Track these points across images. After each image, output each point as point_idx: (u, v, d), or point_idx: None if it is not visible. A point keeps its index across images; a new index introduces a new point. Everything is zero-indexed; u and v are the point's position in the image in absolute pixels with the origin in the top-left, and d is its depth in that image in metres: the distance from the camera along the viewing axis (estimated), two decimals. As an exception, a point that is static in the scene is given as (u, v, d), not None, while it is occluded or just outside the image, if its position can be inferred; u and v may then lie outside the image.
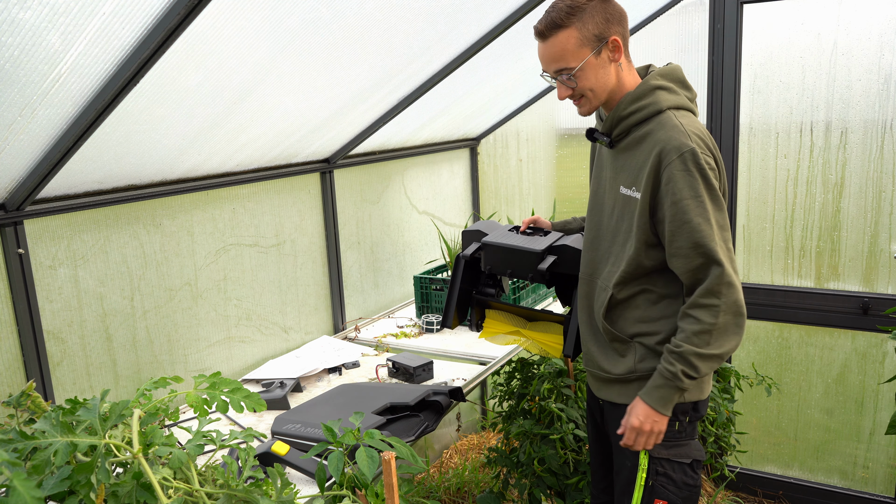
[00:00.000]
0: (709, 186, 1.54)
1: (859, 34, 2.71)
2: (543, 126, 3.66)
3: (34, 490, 0.96)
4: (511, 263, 2.06)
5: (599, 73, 1.63)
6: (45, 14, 1.30)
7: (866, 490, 3.04)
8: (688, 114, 1.64)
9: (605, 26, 1.60)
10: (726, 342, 1.57)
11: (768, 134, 2.96)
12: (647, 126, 1.62)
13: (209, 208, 2.40)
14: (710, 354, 1.56)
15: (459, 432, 3.72)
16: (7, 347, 1.87)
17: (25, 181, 1.78)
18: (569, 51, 1.61)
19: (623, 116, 1.65)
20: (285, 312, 2.75)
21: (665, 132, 1.58)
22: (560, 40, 1.61)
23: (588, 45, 1.60)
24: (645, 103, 1.63)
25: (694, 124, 1.60)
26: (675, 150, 1.54)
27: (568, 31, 1.60)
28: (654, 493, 1.68)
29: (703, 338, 1.55)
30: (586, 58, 1.61)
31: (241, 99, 2.00)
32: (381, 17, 1.99)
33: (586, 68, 1.62)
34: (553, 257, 1.98)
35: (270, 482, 1.35)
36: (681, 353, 1.57)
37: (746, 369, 3.07)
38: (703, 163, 1.54)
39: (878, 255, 2.85)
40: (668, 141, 1.56)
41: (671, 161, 1.55)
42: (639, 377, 1.69)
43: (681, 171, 1.54)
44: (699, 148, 1.55)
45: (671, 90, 1.64)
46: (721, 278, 1.54)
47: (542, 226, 2.15)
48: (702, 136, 1.59)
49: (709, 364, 1.57)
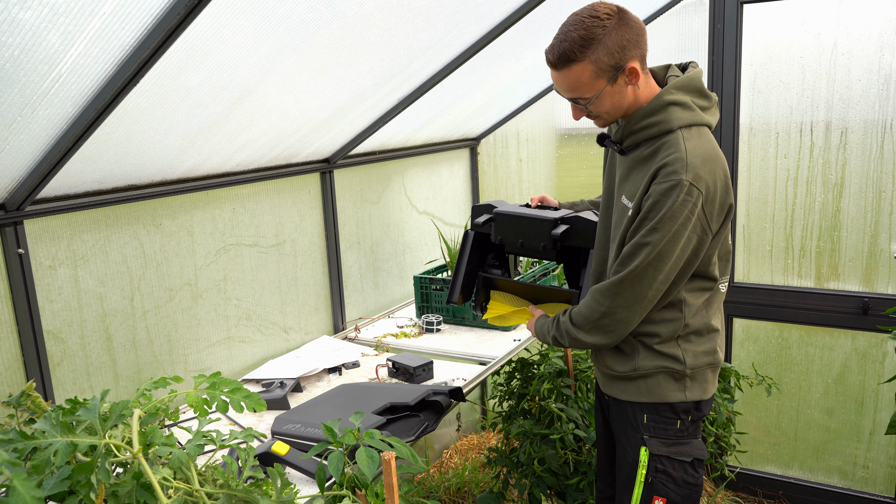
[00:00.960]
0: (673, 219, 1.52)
1: (859, 34, 2.71)
2: (543, 126, 3.66)
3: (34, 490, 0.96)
4: (522, 233, 2.03)
5: (616, 98, 1.60)
6: (45, 14, 1.30)
7: (866, 490, 3.04)
8: (700, 132, 1.59)
9: (620, 55, 1.54)
10: (596, 336, 1.69)
11: (768, 134, 2.96)
12: (655, 143, 1.59)
13: (209, 208, 2.40)
14: (577, 338, 1.73)
15: (459, 432, 3.72)
16: (7, 347, 1.87)
17: (25, 181, 1.78)
18: (583, 83, 1.57)
19: (634, 131, 1.63)
20: (285, 312, 2.75)
21: (668, 153, 1.55)
22: (574, 73, 1.56)
23: (604, 76, 1.55)
24: (656, 120, 1.58)
25: (701, 148, 1.56)
26: (668, 176, 1.52)
27: (582, 64, 1.54)
28: (653, 489, 1.69)
29: (582, 320, 1.70)
30: (602, 88, 1.57)
31: (241, 99, 2.00)
32: (381, 17, 1.99)
33: (603, 97, 1.59)
34: (566, 226, 1.98)
35: (270, 482, 1.35)
36: (561, 323, 1.77)
37: (746, 369, 3.08)
38: (685, 198, 1.51)
39: (878, 255, 2.85)
40: (666, 164, 1.54)
41: (660, 183, 1.54)
42: (640, 375, 1.70)
43: (660, 195, 1.53)
44: (693, 183, 1.52)
45: (685, 105, 1.59)
46: (616, 286, 1.61)
47: (549, 203, 2.16)
48: (706, 160, 1.55)
49: (574, 343, 1.74)
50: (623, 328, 1.65)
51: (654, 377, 1.69)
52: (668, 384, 1.68)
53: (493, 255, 2.23)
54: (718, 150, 1.61)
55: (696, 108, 1.60)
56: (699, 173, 1.52)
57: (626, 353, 1.73)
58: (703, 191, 1.53)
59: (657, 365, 1.68)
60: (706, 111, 1.63)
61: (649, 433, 1.70)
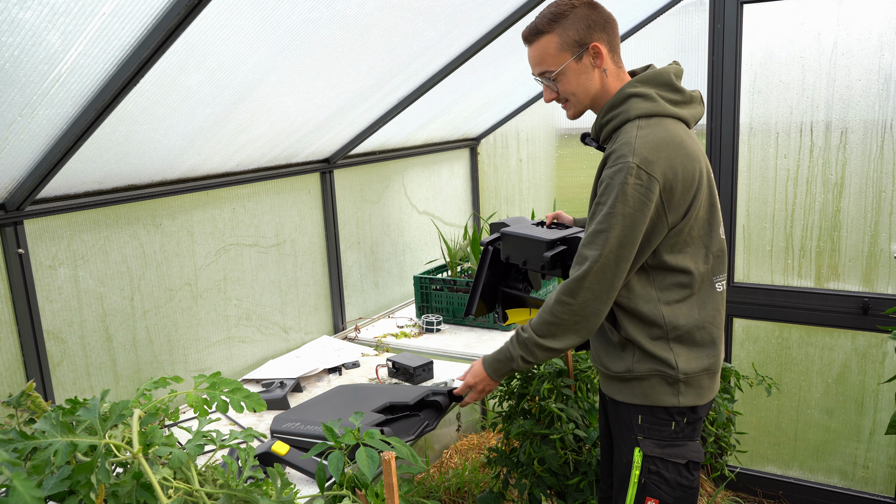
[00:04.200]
0: (624, 203, 1.54)
1: (859, 34, 2.71)
2: (543, 126, 3.66)
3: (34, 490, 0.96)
4: (525, 253, 2.10)
5: (581, 79, 1.67)
6: (45, 14, 1.30)
7: (866, 490, 3.04)
8: (658, 122, 1.60)
9: (585, 33, 1.64)
10: (568, 339, 1.68)
11: (768, 134, 2.96)
12: (617, 134, 1.65)
13: (209, 208, 2.40)
14: (549, 347, 1.69)
15: (459, 432, 3.72)
16: (7, 347, 1.87)
17: (25, 181, 1.78)
18: (549, 55, 1.67)
19: (602, 124, 1.70)
20: (285, 312, 2.75)
21: (618, 144, 1.60)
22: (542, 45, 1.68)
23: (568, 49, 1.65)
24: (616, 112, 1.65)
25: (655, 135, 1.57)
26: (616, 161, 1.57)
27: (549, 36, 1.66)
28: (645, 490, 1.68)
29: (549, 329, 1.68)
30: (566, 62, 1.66)
31: (241, 99, 2.00)
32: (381, 17, 1.99)
33: (567, 72, 1.67)
34: (563, 247, 2.00)
35: (270, 482, 1.35)
36: (524, 341, 1.73)
37: (746, 369, 3.07)
38: (632, 181, 1.53)
39: (878, 255, 2.85)
40: (614, 150, 1.59)
41: (610, 167, 1.59)
42: (635, 377, 1.70)
43: (608, 178, 1.58)
44: (641, 166, 1.53)
45: (647, 97, 1.62)
46: (581, 281, 1.61)
47: (563, 220, 2.19)
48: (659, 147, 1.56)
49: (546, 354, 1.71)
50: (595, 321, 1.65)
51: (647, 380, 1.68)
52: (662, 388, 1.67)
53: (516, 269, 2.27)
54: (683, 139, 1.60)
55: (661, 100, 1.63)
56: (649, 158, 1.54)
57: (621, 351, 1.73)
58: (660, 178, 1.55)
59: (650, 368, 1.67)
60: (677, 105, 1.65)
61: (643, 434, 1.70)
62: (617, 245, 1.57)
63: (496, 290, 2.27)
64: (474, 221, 3.90)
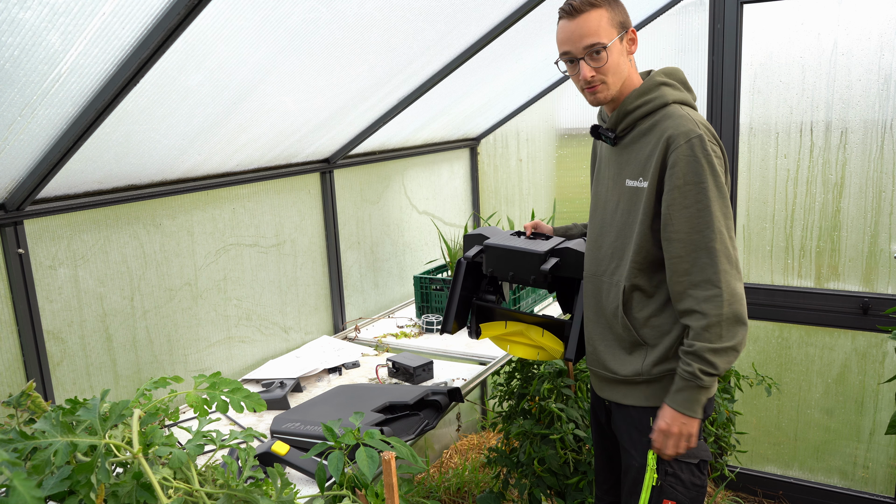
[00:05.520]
0: (713, 173, 1.56)
1: (859, 34, 2.71)
2: (543, 126, 3.66)
3: (34, 490, 0.96)
4: (513, 266, 2.06)
5: (620, 60, 1.67)
6: (45, 14, 1.30)
7: (866, 490, 3.04)
8: (691, 109, 1.68)
9: (626, 17, 1.67)
10: (737, 332, 1.56)
11: (768, 134, 2.96)
12: (652, 118, 1.66)
13: (209, 208, 2.40)
14: (724, 348, 1.54)
15: (459, 432, 3.72)
16: (7, 347, 1.87)
17: (25, 181, 1.78)
18: (603, 28, 1.63)
19: (629, 111, 1.68)
20: (285, 312, 2.75)
21: (672, 121, 1.61)
22: (595, 16, 1.63)
23: (616, 28, 1.64)
24: (651, 97, 1.66)
25: (700, 117, 1.64)
26: (684, 136, 1.57)
27: (601, 10, 1.64)
28: (662, 493, 1.68)
29: (713, 331, 1.54)
30: (614, 38, 1.64)
31: (241, 99, 2.00)
32: (381, 17, 1.99)
33: (613, 50, 1.65)
34: (556, 259, 1.98)
35: (270, 482, 1.35)
36: (694, 352, 1.56)
37: (746, 369, 3.07)
38: (710, 150, 1.56)
39: (878, 255, 2.84)
40: (676, 128, 1.59)
41: (679, 146, 1.57)
42: (646, 380, 1.69)
43: (686, 157, 1.56)
44: (707, 136, 1.58)
45: (675, 87, 1.69)
46: (717, 266, 1.55)
47: (543, 231, 2.16)
48: (709, 127, 1.62)
49: (725, 358, 1.55)
50: (743, 301, 1.58)
51: (660, 381, 1.68)
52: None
53: (487, 281, 2.24)
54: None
55: (685, 92, 1.71)
56: (711, 130, 1.61)
57: (629, 354, 1.72)
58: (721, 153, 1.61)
59: (665, 369, 1.67)
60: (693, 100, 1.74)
61: None
62: (720, 214, 1.58)
63: (468, 304, 2.22)
64: (474, 221, 3.90)
